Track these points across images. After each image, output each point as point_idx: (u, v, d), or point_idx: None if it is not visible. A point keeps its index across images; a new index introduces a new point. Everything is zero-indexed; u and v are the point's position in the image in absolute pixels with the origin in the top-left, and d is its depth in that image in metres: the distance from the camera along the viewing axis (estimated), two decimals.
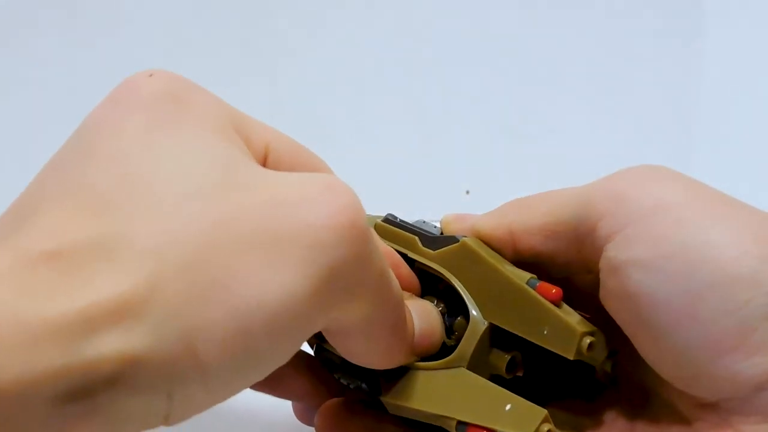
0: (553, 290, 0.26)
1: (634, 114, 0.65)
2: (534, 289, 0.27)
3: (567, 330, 0.26)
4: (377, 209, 0.31)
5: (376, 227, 0.30)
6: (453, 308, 0.29)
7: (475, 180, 0.52)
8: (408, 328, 0.26)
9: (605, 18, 0.64)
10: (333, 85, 0.61)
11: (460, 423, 0.26)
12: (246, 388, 0.21)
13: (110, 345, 0.18)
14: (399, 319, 0.25)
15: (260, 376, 0.21)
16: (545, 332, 0.26)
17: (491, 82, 0.64)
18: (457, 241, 0.29)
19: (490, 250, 0.28)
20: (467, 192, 0.52)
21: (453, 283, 0.28)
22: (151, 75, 0.23)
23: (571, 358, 0.26)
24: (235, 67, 0.62)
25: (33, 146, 0.58)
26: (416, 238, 0.30)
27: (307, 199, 0.21)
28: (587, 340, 0.26)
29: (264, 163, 0.25)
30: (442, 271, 0.28)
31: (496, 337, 0.28)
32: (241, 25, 0.62)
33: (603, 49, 0.65)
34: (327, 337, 0.24)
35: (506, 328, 0.27)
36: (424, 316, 0.28)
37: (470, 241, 0.28)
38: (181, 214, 0.19)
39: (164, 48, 0.61)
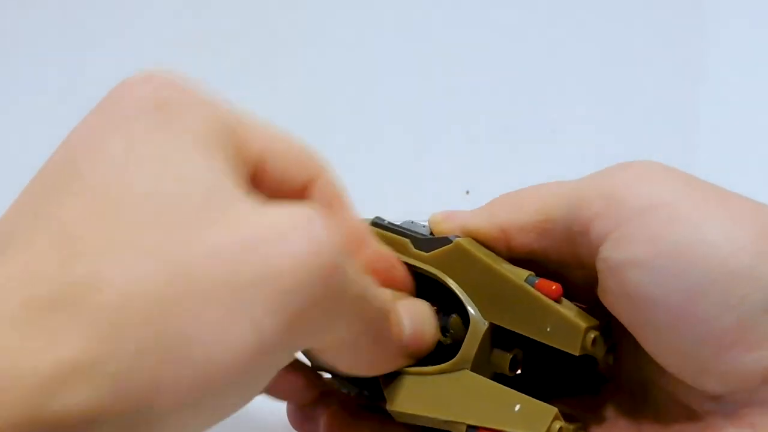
0: (553, 287, 0.26)
1: (635, 114, 0.65)
2: (533, 287, 0.26)
3: (570, 326, 0.26)
4: (377, 209, 0.31)
5: None
6: (447, 306, 0.29)
7: (475, 180, 0.52)
8: (393, 334, 0.26)
9: (605, 17, 0.64)
10: (332, 85, 0.61)
11: (469, 427, 0.25)
12: (211, 427, 0.21)
13: (74, 400, 0.18)
14: (381, 330, 0.25)
15: (226, 416, 0.21)
16: (548, 329, 0.26)
17: (491, 82, 0.64)
18: (451, 242, 0.28)
19: (485, 249, 0.28)
20: (467, 192, 0.51)
21: (449, 284, 0.28)
22: (145, 78, 0.22)
23: (577, 354, 0.26)
24: (234, 66, 0.62)
25: (32, 146, 0.58)
26: (408, 240, 0.29)
27: (280, 241, 0.20)
28: (591, 335, 0.26)
29: (256, 171, 0.25)
30: (437, 274, 0.28)
31: (495, 336, 0.28)
32: (240, 25, 0.62)
33: (603, 48, 0.64)
34: (308, 353, 0.24)
35: (507, 327, 0.27)
36: (416, 316, 0.27)
37: (464, 242, 0.28)
38: (149, 258, 0.19)
39: (164, 45, 0.61)
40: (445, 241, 0.29)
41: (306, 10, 0.63)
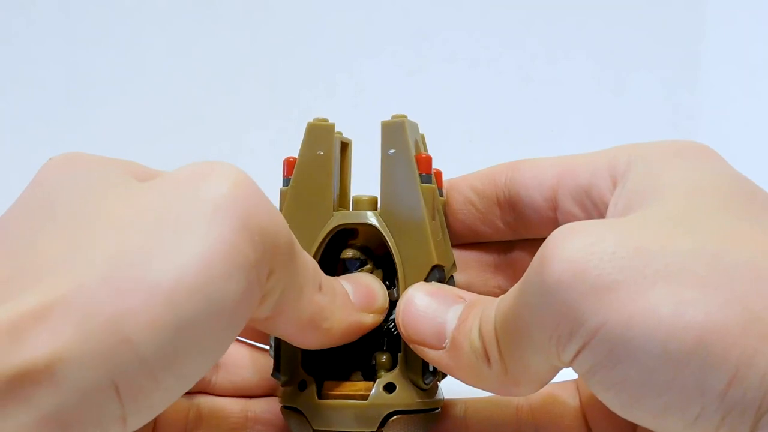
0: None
1: (634, 114, 0.65)
2: None
3: None
4: None
5: None
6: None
7: None
8: (337, 293, 0.26)
9: (606, 18, 0.64)
10: (332, 85, 0.61)
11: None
12: (201, 373, 0.21)
13: (40, 344, 0.19)
14: (318, 282, 0.25)
15: (209, 358, 0.21)
16: None
17: (491, 83, 0.64)
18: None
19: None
20: None
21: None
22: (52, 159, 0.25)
23: None
24: (234, 67, 0.62)
25: (31, 146, 0.58)
26: None
27: (194, 178, 0.22)
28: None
29: None
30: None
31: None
32: (241, 25, 0.62)
33: (603, 48, 0.64)
34: (271, 331, 0.25)
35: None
36: (355, 279, 0.28)
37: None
38: (86, 231, 0.21)
39: (164, 48, 0.61)
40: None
41: (305, 9, 0.63)
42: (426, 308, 0.26)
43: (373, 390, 0.27)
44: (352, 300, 0.27)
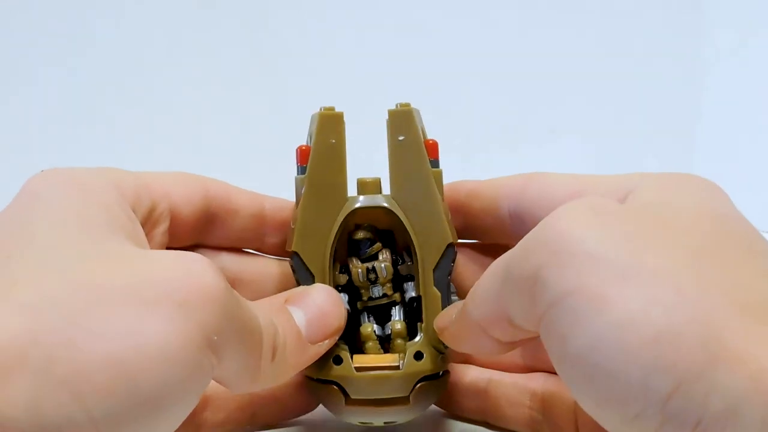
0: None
1: (634, 113, 0.65)
2: None
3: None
4: None
5: None
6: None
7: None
8: (289, 339, 0.27)
9: (606, 18, 0.65)
10: (331, 85, 0.61)
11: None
12: None
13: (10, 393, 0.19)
14: (269, 347, 0.26)
15: (161, 429, 0.22)
16: None
17: (491, 82, 0.64)
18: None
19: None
20: None
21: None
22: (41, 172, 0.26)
23: None
24: (235, 67, 0.62)
25: (32, 146, 0.58)
26: None
27: (173, 269, 0.23)
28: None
29: (152, 210, 0.28)
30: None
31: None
32: (242, 25, 0.62)
33: (604, 49, 0.65)
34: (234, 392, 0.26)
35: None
36: (311, 306, 0.28)
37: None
38: (56, 278, 0.22)
39: (163, 46, 0.61)
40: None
41: (305, 9, 0.63)
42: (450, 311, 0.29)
43: (405, 359, 0.29)
44: (305, 336, 0.28)
